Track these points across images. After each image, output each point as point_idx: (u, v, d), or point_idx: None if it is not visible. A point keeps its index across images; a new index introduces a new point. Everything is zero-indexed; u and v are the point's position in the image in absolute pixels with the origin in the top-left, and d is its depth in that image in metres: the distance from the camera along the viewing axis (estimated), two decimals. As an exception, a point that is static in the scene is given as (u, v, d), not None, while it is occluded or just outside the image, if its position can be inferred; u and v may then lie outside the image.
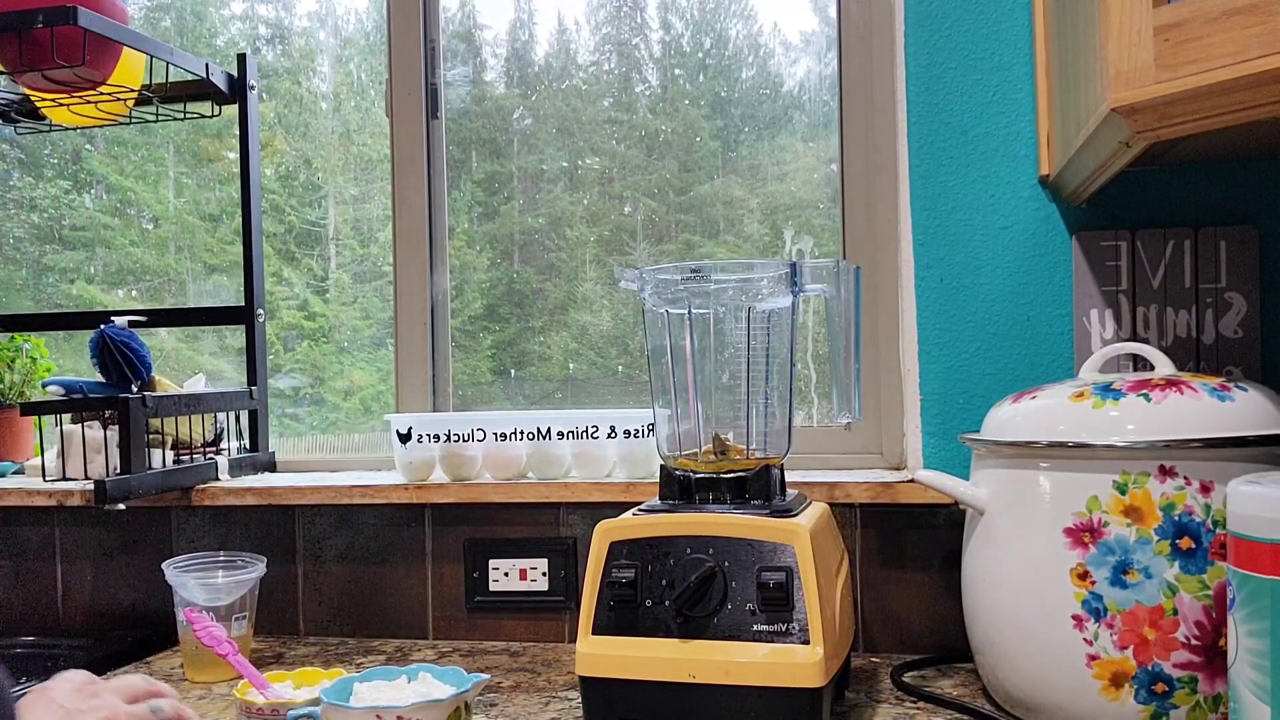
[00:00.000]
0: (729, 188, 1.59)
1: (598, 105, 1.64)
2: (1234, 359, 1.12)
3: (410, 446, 1.37)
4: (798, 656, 0.86)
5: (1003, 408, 1.00)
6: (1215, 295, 1.12)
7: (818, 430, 1.41)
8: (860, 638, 1.23)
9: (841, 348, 1.02)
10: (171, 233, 1.89)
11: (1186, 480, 0.85)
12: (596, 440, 1.34)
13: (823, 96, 1.54)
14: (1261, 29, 0.70)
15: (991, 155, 1.21)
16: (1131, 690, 0.86)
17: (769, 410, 1.02)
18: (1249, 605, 0.69)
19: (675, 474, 0.99)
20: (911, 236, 1.25)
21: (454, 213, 1.60)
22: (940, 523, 1.21)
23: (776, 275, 1.00)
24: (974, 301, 1.22)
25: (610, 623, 0.92)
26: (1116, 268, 1.15)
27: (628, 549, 0.93)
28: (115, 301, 1.86)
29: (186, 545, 1.45)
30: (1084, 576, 0.87)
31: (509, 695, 1.10)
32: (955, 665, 1.16)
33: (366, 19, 1.80)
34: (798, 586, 0.88)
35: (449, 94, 1.59)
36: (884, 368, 1.34)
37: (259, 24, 1.90)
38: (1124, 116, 0.78)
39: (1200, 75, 0.73)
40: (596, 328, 1.67)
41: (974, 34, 1.22)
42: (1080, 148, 0.96)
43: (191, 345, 1.84)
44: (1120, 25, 0.77)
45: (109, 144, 1.92)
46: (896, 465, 1.34)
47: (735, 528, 0.91)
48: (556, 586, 1.33)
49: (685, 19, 1.63)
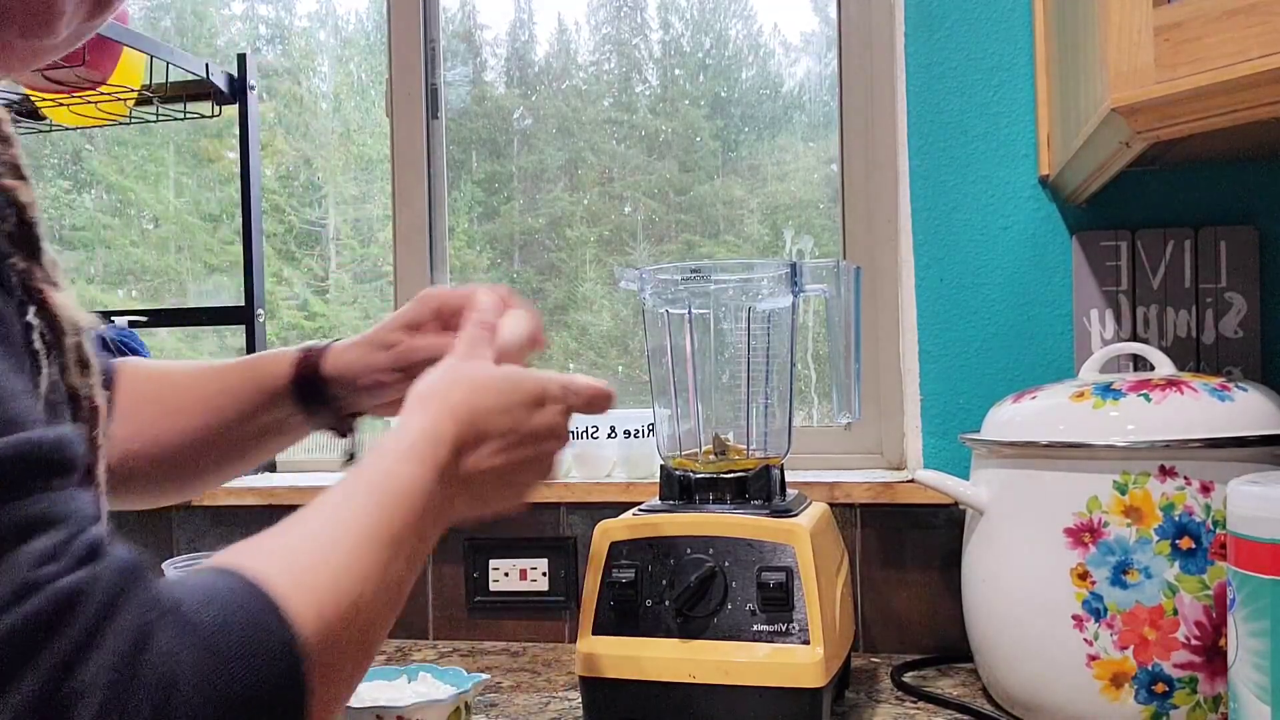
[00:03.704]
0: (729, 188, 1.59)
1: (598, 105, 1.64)
2: (1234, 359, 1.12)
3: (410, 446, 1.37)
4: (798, 656, 0.86)
5: (1003, 408, 1.00)
6: (1215, 295, 1.12)
7: (818, 430, 1.41)
8: (860, 638, 1.23)
9: (841, 348, 1.02)
10: (171, 233, 1.89)
11: (1186, 480, 0.85)
12: (596, 440, 1.34)
13: (823, 96, 1.54)
14: (1261, 29, 0.70)
15: (991, 155, 1.21)
16: (1131, 690, 0.86)
17: (769, 410, 1.02)
18: (1249, 605, 0.69)
19: (675, 474, 0.99)
20: (911, 236, 1.25)
21: (454, 213, 1.60)
22: (940, 523, 1.21)
23: (776, 275, 1.00)
24: (974, 301, 1.22)
25: (610, 623, 0.92)
26: (1116, 268, 1.15)
27: (628, 549, 0.93)
28: (115, 301, 1.86)
29: (186, 545, 1.45)
30: (1084, 576, 0.87)
31: (509, 695, 1.10)
32: (955, 665, 1.16)
33: (366, 19, 1.80)
34: (798, 586, 0.88)
35: (449, 94, 1.59)
36: (884, 368, 1.34)
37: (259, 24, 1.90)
38: (1124, 116, 0.78)
39: (1200, 75, 0.73)
40: (596, 328, 1.67)
41: (974, 34, 1.22)
42: (1080, 148, 0.96)
43: (191, 345, 1.84)
44: (1120, 25, 0.77)
45: (109, 144, 1.92)
46: (896, 465, 1.34)
47: (735, 528, 0.91)
48: (556, 586, 1.33)
49: (685, 19, 1.63)
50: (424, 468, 0.58)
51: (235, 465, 0.84)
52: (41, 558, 0.37)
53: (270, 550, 0.47)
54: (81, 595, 0.37)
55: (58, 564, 0.37)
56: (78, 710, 0.36)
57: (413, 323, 0.80)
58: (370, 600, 0.49)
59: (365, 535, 0.51)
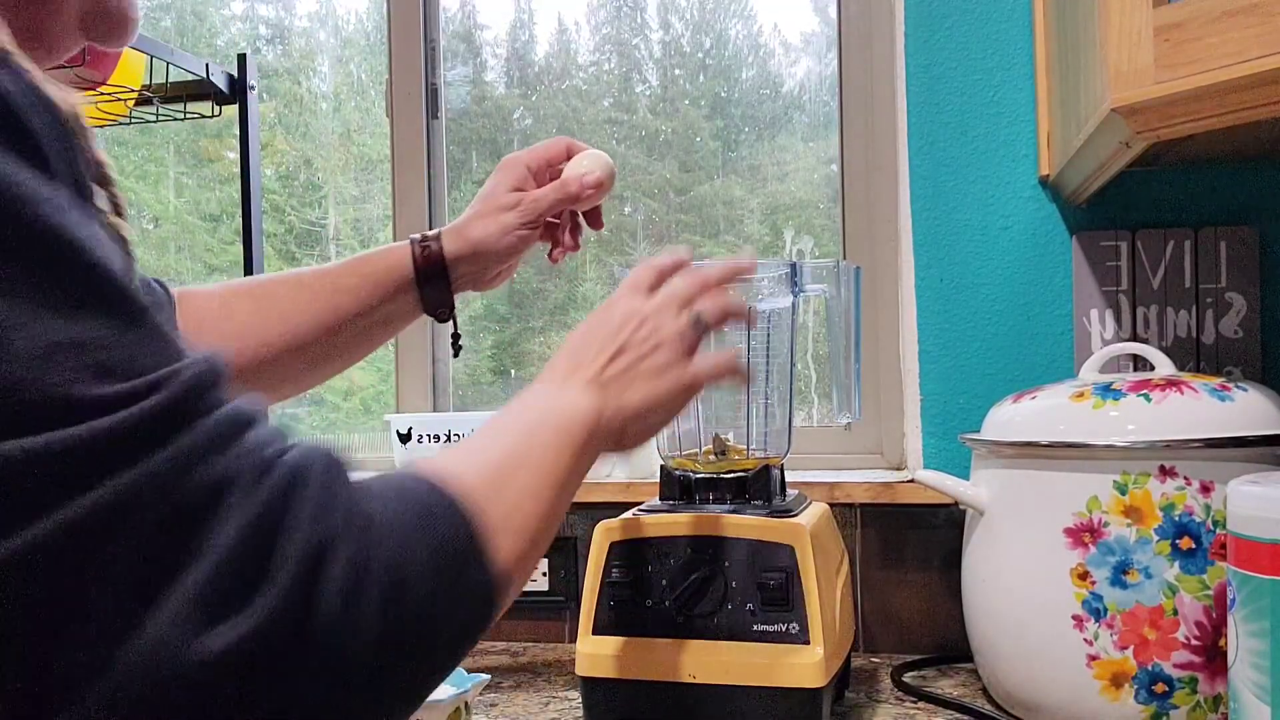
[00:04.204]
0: (729, 188, 1.59)
1: (598, 105, 1.64)
2: (1234, 359, 1.12)
3: (410, 447, 1.37)
4: (798, 656, 0.86)
5: (1003, 408, 1.00)
6: (1215, 295, 1.12)
7: (818, 430, 1.41)
8: (860, 638, 1.23)
9: (841, 348, 1.02)
10: (171, 233, 1.89)
11: (1186, 480, 0.85)
12: (596, 440, 1.33)
13: (823, 96, 1.54)
14: (1261, 29, 0.70)
15: (991, 155, 1.21)
16: (1131, 690, 0.86)
17: (769, 410, 1.02)
18: (1249, 605, 0.69)
19: (675, 474, 0.99)
20: (911, 236, 1.25)
21: (454, 213, 1.60)
22: (940, 523, 1.21)
23: (777, 275, 1.00)
24: (974, 301, 1.22)
25: (610, 623, 0.92)
26: (1116, 268, 1.15)
27: (628, 549, 0.93)
28: (115, 301, 1.86)
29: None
30: (1084, 577, 0.87)
31: (509, 695, 1.10)
32: (955, 665, 1.16)
33: (366, 19, 1.80)
34: (798, 587, 0.88)
35: (449, 94, 1.59)
36: (884, 368, 1.34)
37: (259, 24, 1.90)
38: (1124, 117, 0.78)
39: (1200, 75, 0.73)
40: (596, 328, 1.66)
41: (974, 34, 1.22)
42: (1080, 148, 0.96)
43: (191, 345, 1.84)
44: (1120, 25, 0.77)
45: (109, 144, 1.91)
46: (896, 465, 1.34)
47: (735, 528, 0.91)
48: (556, 586, 1.33)
49: (685, 19, 1.63)
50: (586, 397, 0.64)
51: (351, 356, 0.91)
52: (263, 442, 0.40)
53: (477, 479, 0.50)
54: (305, 472, 0.40)
55: (278, 445, 0.40)
56: (323, 588, 0.37)
57: (516, 185, 0.89)
58: (546, 540, 0.54)
59: (553, 480, 0.56)
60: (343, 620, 0.37)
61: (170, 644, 0.34)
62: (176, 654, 0.34)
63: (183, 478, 0.35)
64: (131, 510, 0.34)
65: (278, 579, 0.36)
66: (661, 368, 0.69)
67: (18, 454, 0.33)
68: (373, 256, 0.88)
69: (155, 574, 0.34)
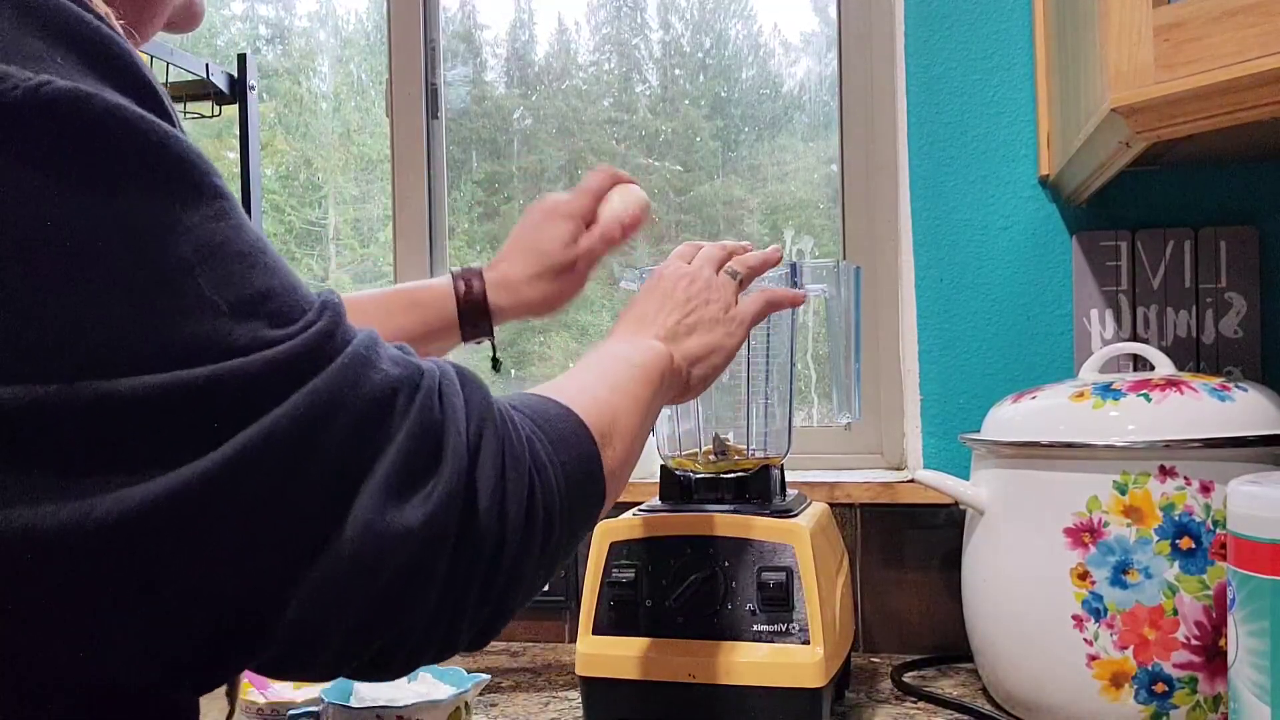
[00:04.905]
0: (729, 188, 1.59)
1: (598, 105, 1.64)
2: (1234, 359, 1.12)
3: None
4: (798, 656, 0.86)
5: (1003, 408, 1.00)
6: (1215, 295, 1.12)
7: (818, 430, 1.41)
8: (860, 638, 1.23)
9: (841, 348, 1.02)
10: (171, 233, 1.88)
11: (1186, 480, 0.85)
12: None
13: (823, 96, 1.54)
14: (1261, 29, 0.70)
15: (991, 155, 1.21)
16: (1131, 690, 0.86)
17: (769, 410, 1.02)
18: (1249, 605, 0.69)
19: (675, 474, 0.99)
20: (911, 236, 1.25)
21: (454, 213, 1.60)
22: (940, 523, 1.21)
23: (776, 275, 1.00)
24: (974, 301, 1.22)
25: (610, 623, 0.92)
26: (1116, 268, 1.15)
27: (628, 549, 0.93)
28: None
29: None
30: (1084, 576, 0.88)
31: (509, 695, 1.10)
32: (955, 665, 1.16)
33: (366, 19, 1.80)
34: (798, 586, 0.88)
35: (449, 94, 1.59)
36: (884, 368, 1.34)
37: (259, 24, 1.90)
38: (1124, 117, 0.78)
39: (1200, 75, 0.73)
40: (596, 328, 1.67)
41: (974, 34, 1.22)
42: (1080, 148, 0.96)
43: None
44: (1120, 25, 0.77)
45: (109, 144, 1.91)
46: (896, 465, 1.34)
47: (735, 528, 0.91)
48: (556, 586, 1.33)
49: (685, 19, 1.63)
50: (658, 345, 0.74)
51: None
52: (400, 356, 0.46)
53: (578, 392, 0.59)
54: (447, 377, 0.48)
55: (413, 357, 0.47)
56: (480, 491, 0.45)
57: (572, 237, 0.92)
58: (634, 459, 0.63)
59: (640, 408, 0.65)
60: (496, 493, 0.46)
61: (376, 521, 0.41)
62: (385, 528, 0.41)
63: (357, 387, 0.42)
64: (328, 416, 0.41)
65: (448, 463, 0.44)
66: (715, 315, 0.80)
67: (234, 370, 0.39)
68: (418, 292, 0.92)
69: (353, 467, 0.41)
